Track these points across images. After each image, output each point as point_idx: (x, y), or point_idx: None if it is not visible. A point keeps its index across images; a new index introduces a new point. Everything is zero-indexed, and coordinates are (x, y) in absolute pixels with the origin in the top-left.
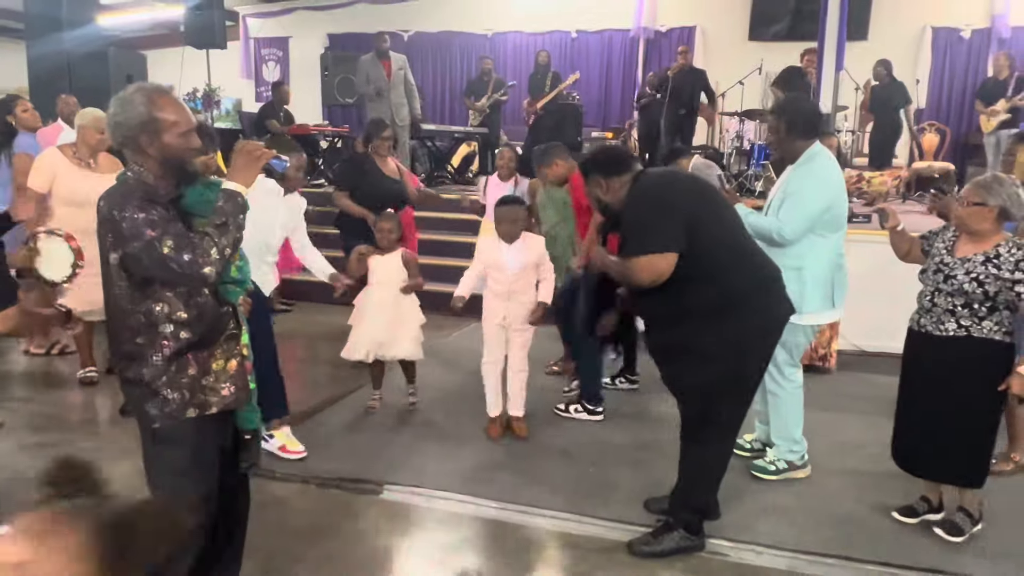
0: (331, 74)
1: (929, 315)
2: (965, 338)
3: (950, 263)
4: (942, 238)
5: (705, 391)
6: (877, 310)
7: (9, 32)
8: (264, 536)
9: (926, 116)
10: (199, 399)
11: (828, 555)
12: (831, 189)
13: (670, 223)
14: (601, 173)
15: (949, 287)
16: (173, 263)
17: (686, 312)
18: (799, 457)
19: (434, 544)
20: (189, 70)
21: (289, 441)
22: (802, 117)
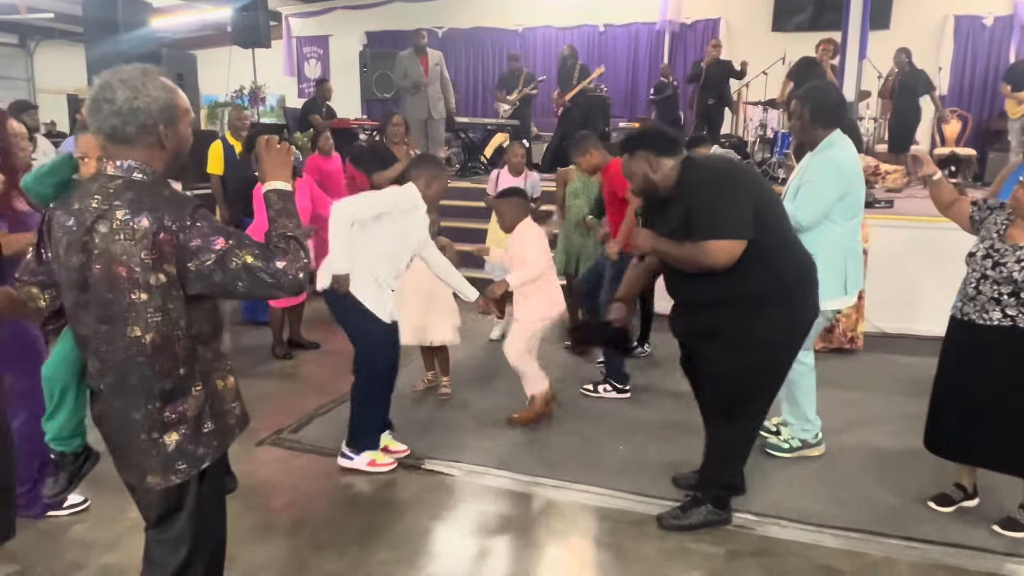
0: (369, 70)
1: (973, 303)
2: (1010, 328)
3: (1001, 249)
4: (995, 220)
5: (746, 375)
6: (898, 293)
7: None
8: (313, 509)
9: (948, 103)
10: (226, 423)
11: (852, 529)
12: (847, 177)
13: (743, 210)
14: (653, 150)
15: (997, 274)
16: (264, 273)
17: (736, 298)
18: (813, 436)
19: (471, 515)
20: (236, 68)
21: (377, 455)
22: (826, 105)
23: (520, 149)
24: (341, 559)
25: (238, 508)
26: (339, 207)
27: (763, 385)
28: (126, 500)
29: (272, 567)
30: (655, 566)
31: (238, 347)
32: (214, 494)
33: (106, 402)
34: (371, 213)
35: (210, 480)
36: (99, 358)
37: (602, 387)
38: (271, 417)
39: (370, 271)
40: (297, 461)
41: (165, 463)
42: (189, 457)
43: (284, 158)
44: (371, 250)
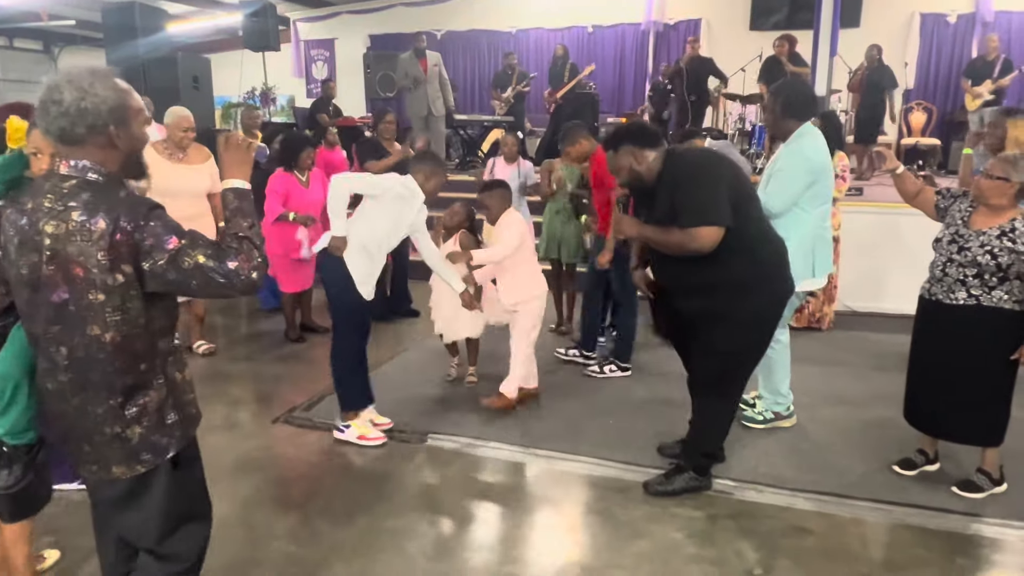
0: (372, 71)
1: (940, 284)
2: (975, 307)
3: (965, 235)
4: (959, 207)
5: (735, 354)
6: (867, 274)
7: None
8: (325, 481)
9: (914, 96)
10: (188, 413)
11: (823, 493)
12: (815, 167)
13: (723, 199)
14: (635, 143)
15: (962, 258)
16: (216, 273)
17: (722, 283)
18: (785, 408)
19: (471, 485)
20: (248, 71)
21: (365, 429)
22: (797, 99)
23: (512, 139)
24: (351, 527)
25: (255, 481)
26: (338, 179)
27: (748, 361)
28: None
29: (287, 536)
30: (641, 529)
31: (254, 332)
32: (190, 477)
33: (61, 399)
34: (368, 189)
35: (184, 466)
36: (49, 357)
37: (608, 367)
38: (285, 396)
39: (363, 241)
40: (309, 437)
41: (130, 455)
42: (154, 447)
43: (243, 156)
44: (367, 225)
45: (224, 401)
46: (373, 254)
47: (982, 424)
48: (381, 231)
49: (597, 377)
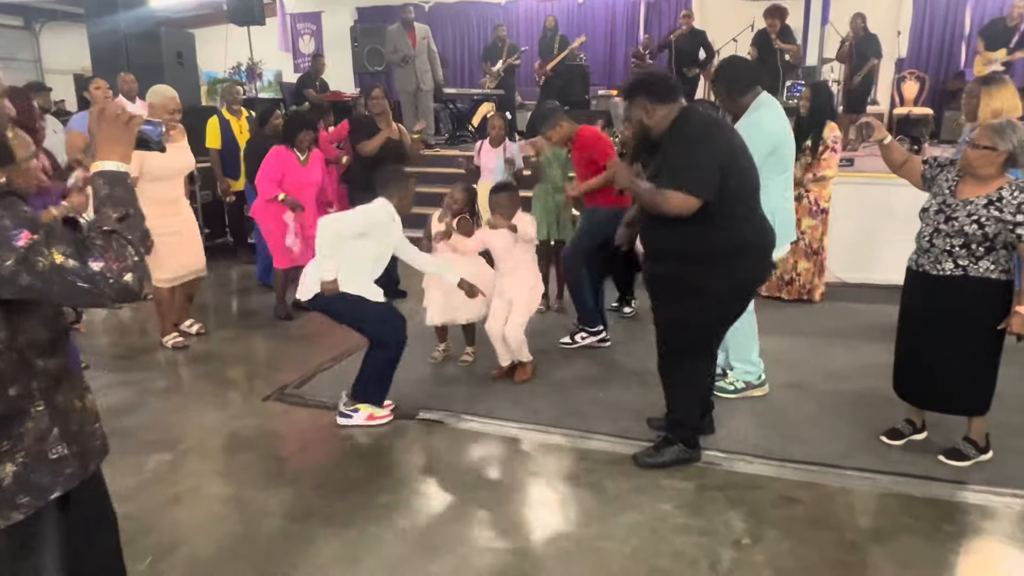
0: (360, 44)
1: (927, 255)
2: (962, 277)
3: (952, 204)
4: (945, 176)
5: (703, 325)
6: (858, 245)
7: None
8: (317, 458)
9: (907, 65)
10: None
11: (811, 463)
12: (773, 137)
13: (708, 170)
14: (648, 97)
15: (949, 228)
16: (76, 277)
17: (697, 254)
18: (756, 377)
19: (463, 460)
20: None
21: (373, 410)
22: (738, 75)
23: (499, 121)
24: (344, 503)
25: (248, 458)
26: (324, 223)
27: (707, 333)
28: (147, 453)
29: (280, 511)
30: (630, 500)
31: (245, 310)
32: (86, 524)
33: None
34: (353, 231)
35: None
36: None
37: (579, 335)
38: (276, 374)
39: (356, 269)
40: (301, 414)
41: (2, 499)
42: (33, 489)
43: (121, 132)
44: (358, 255)
45: (215, 379)
46: (370, 274)
47: (969, 393)
48: (373, 256)
49: (572, 348)
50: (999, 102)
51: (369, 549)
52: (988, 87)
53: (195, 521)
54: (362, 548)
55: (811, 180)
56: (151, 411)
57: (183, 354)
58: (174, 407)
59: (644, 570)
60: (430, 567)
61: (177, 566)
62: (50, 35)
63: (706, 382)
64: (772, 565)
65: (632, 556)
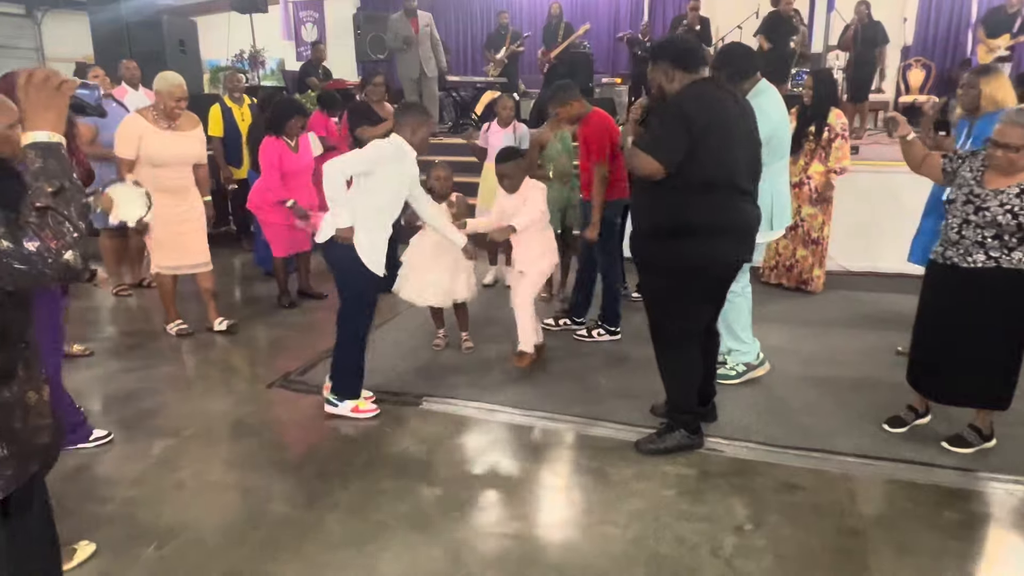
0: (363, 32)
1: (956, 247)
2: (994, 269)
3: (981, 194)
4: (969, 166)
5: (656, 303)
6: (861, 233)
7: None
8: (321, 444)
9: (913, 52)
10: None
11: (813, 449)
12: (772, 123)
13: (677, 142)
14: (671, 62)
15: (980, 219)
16: (12, 259)
17: (654, 228)
18: (754, 357)
19: (465, 447)
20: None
21: (359, 402)
22: (737, 62)
23: (509, 102)
24: (346, 489)
25: (252, 444)
26: (330, 166)
27: (671, 312)
28: (151, 439)
29: (283, 497)
30: (632, 487)
31: (249, 298)
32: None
33: None
34: (360, 168)
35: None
36: None
37: (596, 331)
38: (280, 361)
39: (368, 220)
40: (304, 401)
41: None
42: None
43: (50, 98)
44: (369, 203)
45: (219, 366)
46: (381, 228)
47: (995, 388)
48: (385, 202)
49: (587, 341)
50: (1000, 91)
51: (372, 534)
52: (987, 77)
53: (199, 507)
54: (365, 533)
55: (835, 175)
56: (156, 397)
57: (187, 341)
58: (178, 394)
59: (646, 555)
60: (432, 551)
61: (181, 551)
62: (52, 23)
63: (696, 367)
64: (773, 551)
65: (634, 542)
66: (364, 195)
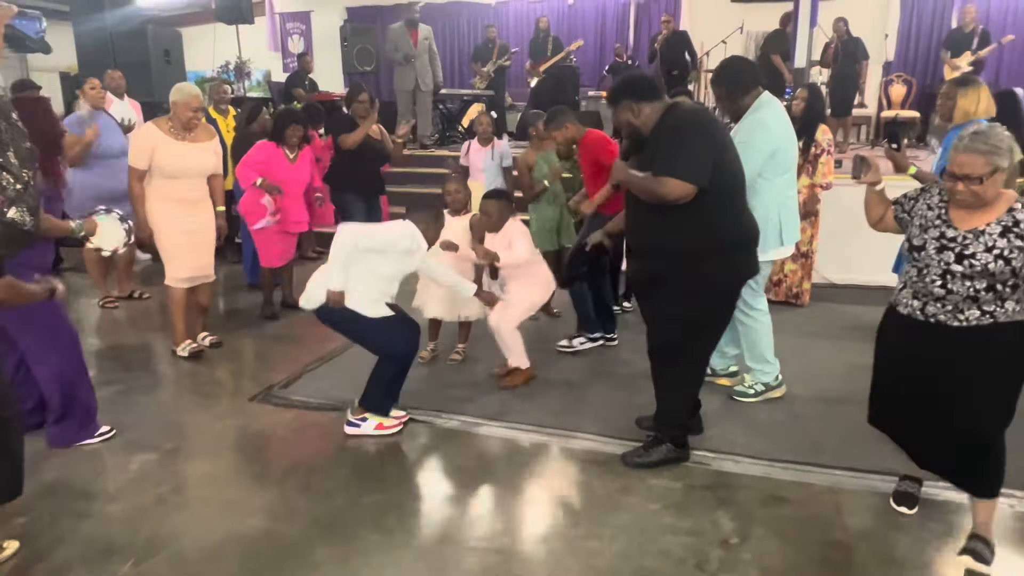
0: (350, 44)
1: (941, 303)
2: (991, 326)
3: (957, 238)
4: (927, 203)
5: (684, 321)
6: (845, 246)
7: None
8: (303, 458)
9: (895, 68)
10: None
11: (799, 462)
12: (776, 136)
13: (702, 158)
14: (633, 98)
15: (966, 268)
16: None
17: (679, 248)
18: (773, 378)
19: (451, 460)
20: (221, 45)
21: (383, 419)
22: (738, 76)
23: (486, 119)
24: (329, 503)
25: (234, 459)
26: (346, 230)
27: (699, 331)
28: (131, 453)
29: (265, 511)
30: (618, 500)
31: (232, 310)
32: None
33: None
34: (376, 246)
35: None
36: None
37: (577, 340)
38: (263, 374)
39: (366, 287)
40: (287, 415)
41: None
42: None
43: None
44: (371, 272)
45: (201, 379)
46: (381, 297)
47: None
48: (387, 276)
49: (568, 351)
50: (973, 104)
51: (355, 549)
52: (964, 88)
53: (179, 522)
54: (348, 548)
55: (821, 189)
56: (136, 410)
57: (169, 353)
58: (160, 406)
59: (631, 569)
60: (417, 566)
61: (160, 568)
62: None
63: (696, 385)
64: (759, 564)
65: (620, 556)
66: (368, 264)
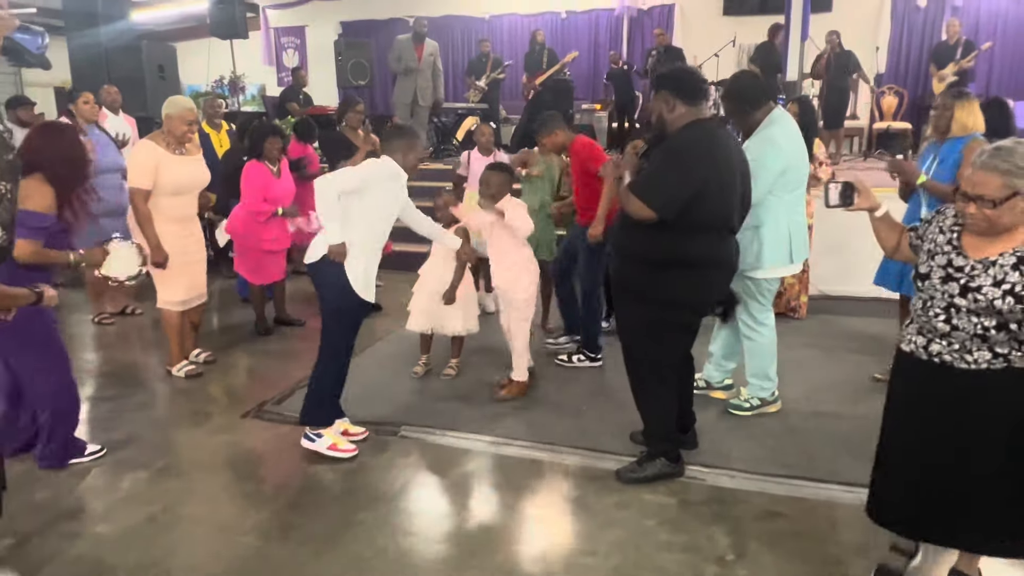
0: (344, 59)
1: (947, 341)
2: (1004, 371)
3: (965, 267)
4: (939, 227)
5: (640, 331)
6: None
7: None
8: (296, 475)
9: (886, 80)
10: None
11: (795, 477)
12: (786, 153)
13: (678, 191)
14: (675, 92)
15: (971, 303)
16: None
17: (643, 257)
18: (770, 394)
19: (445, 476)
20: (216, 59)
21: (338, 440)
22: (748, 93)
23: (488, 129)
24: (321, 521)
25: (225, 476)
26: (323, 182)
27: (658, 341)
28: (122, 472)
29: (257, 530)
30: (613, 516)
31: (225, 326)
32: None
33: None
34: (354, 185)
35: None
36: None
37: (576, 357)
38: (256, 390)
39: (359, 241)
40: (279, 431)
41: None
42: None
43: None
44: (360, 223)
45: (193, 396)
46: (371, 251)
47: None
48: (376, 223)
49: (567, 366)
50: (971, 116)
51: (347, 568)
52: (961, 101)
53: (170, 542)
54: (340, 567)
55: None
56: (128, 427)
57: (161, 370)
58: (152, 424)
59: None
60: None
61: None
62: None
63: (674, 394)
64: None
65: (615, 572)
66: (355, 218)
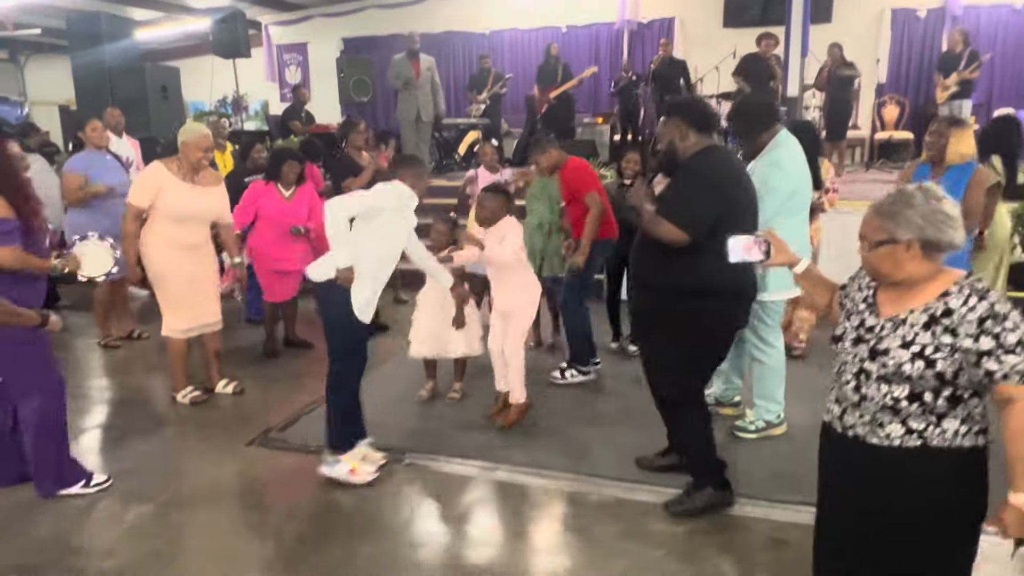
0: (346, 75)
1: (857, 411)
2: (920, 450)
3: (876, 327)
4: (859, 284)
5: (673, 366)
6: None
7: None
8: (301, 506)
9: (887, 90)
10: None
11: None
12: (792, 176)
13: (704, 213)
14: (685, 120)
15: (879, 368)
16: None
17: (669, 287)
18: (776, 416)
19: (449, 505)
20: (219, 78)
21: (357, 465)
22: (755, 115)
23: (491, 148)
24: (326, 553)
25: (230, 508)
26: (334, 204)
27: (689, 373)
28: (126, 504)
29: (261, 563)
30: (620, 546)
31: (232, 347)
32: None
33: None
34: (365, 209)
35: None
36: None
37: (568, 372)
38: (260, 416)
39: (368, 267)
40: (285, 460)
41: None
42: None
43: None
44: (369, 251)
45: (198, 422)
46: (378, 277)
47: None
48: (386, 250)
49: (559, 383)
50: (966, 147)
51: None
52: (958, 129)
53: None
54: None
55: None
56: (133, 457)
57: (167, 395)
58: (157, 452)
59: None
60: None
61: None
62: (35, 68)
63: (707, 417)
64: None
65: None
66: (364, 243)
